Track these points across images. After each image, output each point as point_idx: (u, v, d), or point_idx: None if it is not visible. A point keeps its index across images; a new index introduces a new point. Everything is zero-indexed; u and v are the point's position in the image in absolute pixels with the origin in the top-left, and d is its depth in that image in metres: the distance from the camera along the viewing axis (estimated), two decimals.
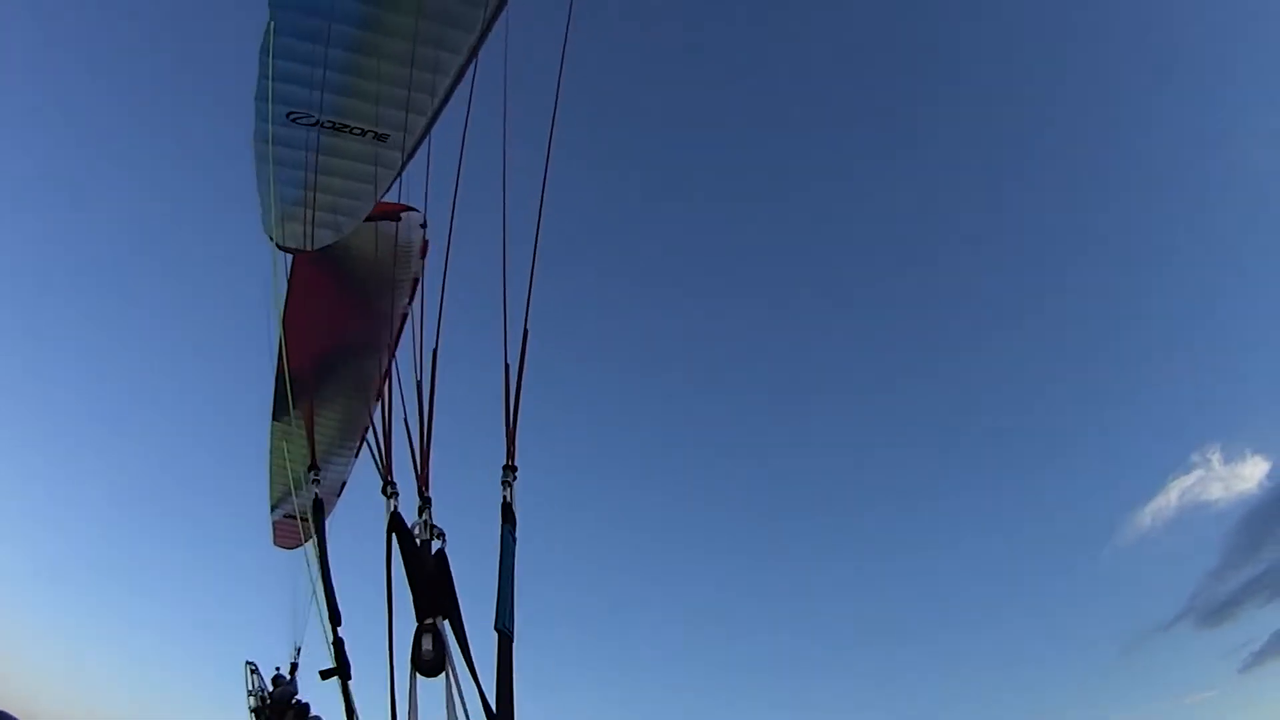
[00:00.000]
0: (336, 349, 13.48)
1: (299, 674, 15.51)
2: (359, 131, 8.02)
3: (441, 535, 5.38)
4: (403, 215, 11.92)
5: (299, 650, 15.44)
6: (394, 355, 13.54)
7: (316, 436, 14.24)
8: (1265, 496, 43.36)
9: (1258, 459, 43.91)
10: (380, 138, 8.10)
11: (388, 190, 8.82)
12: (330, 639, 5.86)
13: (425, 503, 5.56)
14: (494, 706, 4.29)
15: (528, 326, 5.82)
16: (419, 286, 12.42)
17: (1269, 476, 43.22)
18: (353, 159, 8.37)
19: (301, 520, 15.42)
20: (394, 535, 5.50)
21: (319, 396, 13.94)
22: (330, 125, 7.89)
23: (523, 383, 5.57)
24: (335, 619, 5.66)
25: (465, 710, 4.50)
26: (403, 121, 7.92)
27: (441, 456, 6.24)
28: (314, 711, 14.95)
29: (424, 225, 12.15)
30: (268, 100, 7.59)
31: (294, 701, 14.99)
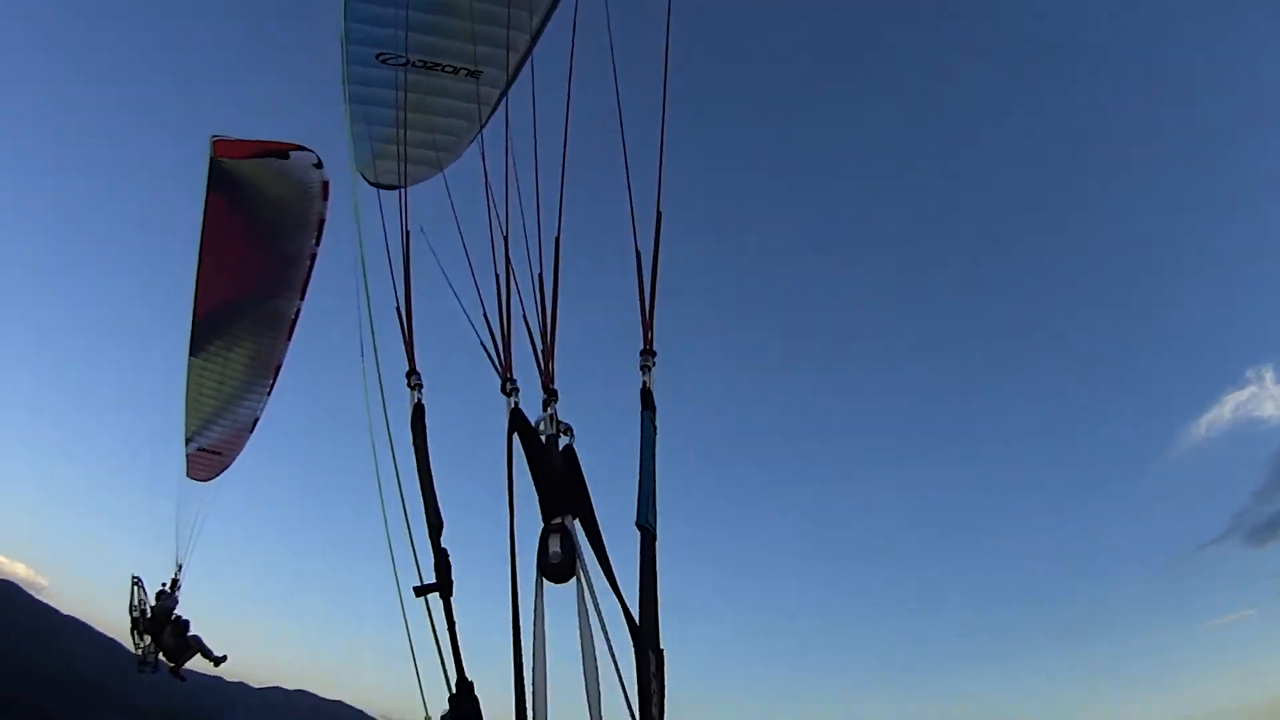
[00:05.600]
0: (247, 288, 14.58)
1: (180, 590, 16.73)
2: (450, 70, 8.01)
3: (569, 431, 4.90)
4: (291, 154, 12.94)
5: (180, 567, 16.70)
6: (304, 296, 14.86)
7: (232, 373, 15.44)
8: None
9: None
10: (473, 75, 8.05)
11: (487, 123, 8.27)
12: (432, 550, 5.07)
13: (551, 396, 5.07)
14: (635, 613, 4.00)
15: (660, 208, 5.28)
16: (324, 227, 13.70)
17: None
18: (447, 96, 8.37)
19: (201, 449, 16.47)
20: (515, 434, 5.04)
21: (233, 334, 15.09)
22: (421, 64, 7.90)
23: (658, 266, 5.11)
24: (437, 528, 4.93)
25: (601, 619, 4.02)
26: (495, 57, 7.81)
27: (566, 347, 5.55)
28: (192, 630, 16.52)
29: (319, 165, 13.07)
30: (355, 42, 7.64)
31: (173, 617, 16.38)
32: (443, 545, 4.76)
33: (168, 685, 18.10)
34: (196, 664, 17.74)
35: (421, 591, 4.62)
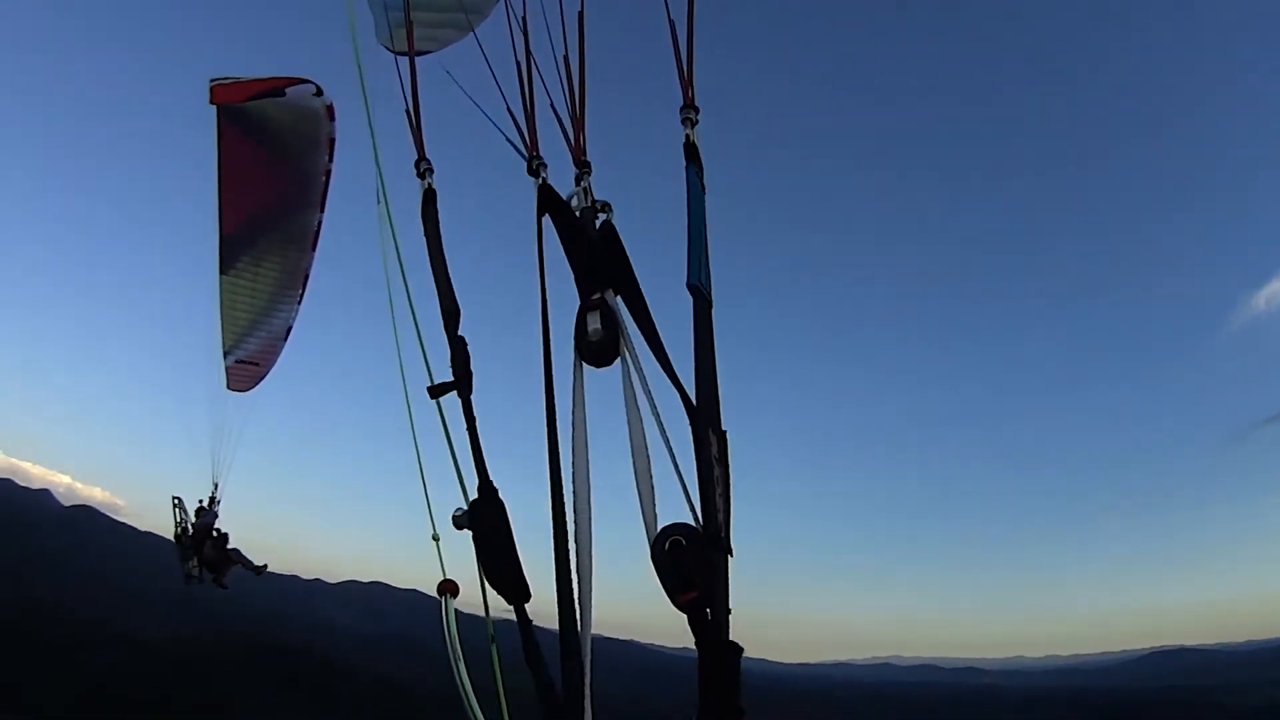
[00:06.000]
0: (269, 208, 15.16)
1: (218, 505, 17.92)
2: None
3: (607, 208, 4.33)
4: (287, 90, 13.47)
5: (217, 486, 17.82)
6: (323, 209, 15.39)
7: (262, 287, 16.08)
8: None
9: None
10: None
11: None
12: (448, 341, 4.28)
13: (583, 169, 4.50)
14: (691, 391, 3.37)
15: None
16: (335, 146, 14.28)
17: None
18: None
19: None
20: (546, 214, 4.43)
21: (260, 250, 15.70)
22: None
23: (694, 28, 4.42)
24: (453, 315, 4.28)
25: (652, 400, 3.55)
26: None
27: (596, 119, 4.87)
28: (231, 544, 17.77)
29: (319, 93, 13.63)
30: None
31: (213, 531, 17.67)
32: (460, 334, 4.15)
33: (248, 592, 19.56)
34: (273, 567, 19.16)
35: (437, 392, 3.97)
